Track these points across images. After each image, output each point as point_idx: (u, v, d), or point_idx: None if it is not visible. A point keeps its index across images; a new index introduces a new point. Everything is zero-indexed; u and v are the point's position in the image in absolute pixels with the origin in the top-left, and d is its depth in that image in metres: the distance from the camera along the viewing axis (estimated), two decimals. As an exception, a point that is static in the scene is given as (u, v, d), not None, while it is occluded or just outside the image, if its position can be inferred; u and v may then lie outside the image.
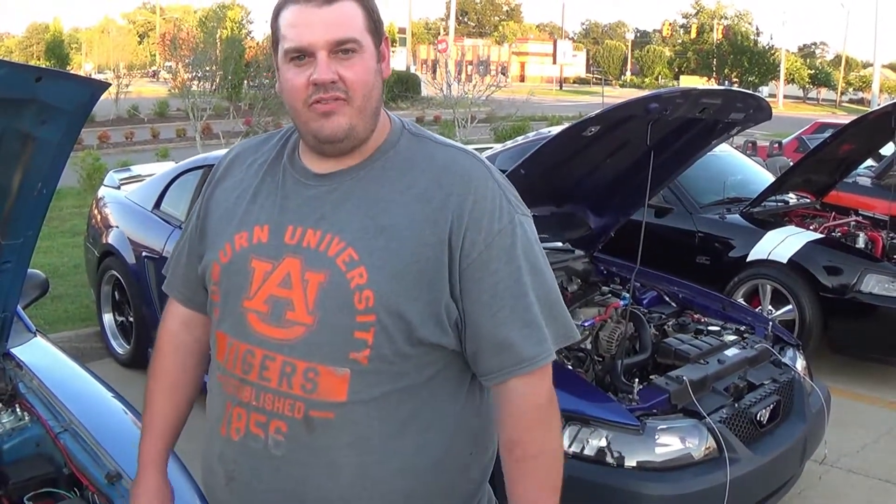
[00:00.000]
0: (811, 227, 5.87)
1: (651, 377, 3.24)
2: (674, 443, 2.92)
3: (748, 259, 5.52)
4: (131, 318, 4.98)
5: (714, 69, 60.55)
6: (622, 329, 3.52)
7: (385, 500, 1.38)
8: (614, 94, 36.29)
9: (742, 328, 3.74)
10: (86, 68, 49.68)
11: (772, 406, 3.26)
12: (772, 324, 3.87)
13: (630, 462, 2.86)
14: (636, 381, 3.15)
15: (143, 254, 4.80)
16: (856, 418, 4.59)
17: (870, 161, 8.12)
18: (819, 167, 6.33)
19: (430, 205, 1.35)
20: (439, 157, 1.41)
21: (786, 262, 5.35)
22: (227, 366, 1.42)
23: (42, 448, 2.18)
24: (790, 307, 5.32)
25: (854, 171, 7.23)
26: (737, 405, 3.14)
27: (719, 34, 64.38)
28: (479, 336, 1.37)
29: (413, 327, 1.34)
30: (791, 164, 8.11)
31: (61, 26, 61.82)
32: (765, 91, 50.48)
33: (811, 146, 8.49)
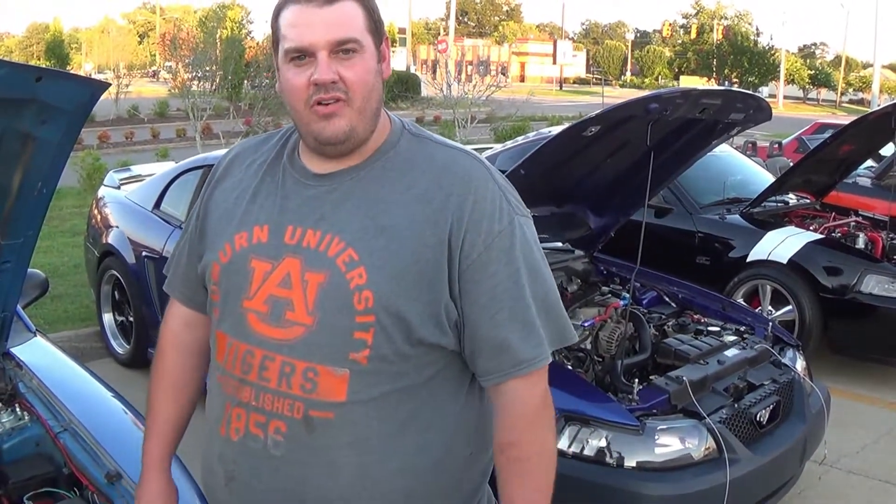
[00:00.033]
0: (811, 228, 5.87)
1: (651, 377, 3.24)
2: (673, 443, 2.91)
3: (748, 259, 5.52)
4: (131, 318, 4.99)
5: (714, 69, 60.54)
6: (622, 329, 3.52)
7: (385, 499, 1.38)
8: (614, 95, 36.28)
9: (742, 328, 3.74)
10: (86, 68, 49.67)
11: (772, 406, 3.26)
12: (772, 324, 3.87)
13: (630, 462, 2.86)
14: (636, 381, 3.15)
15: (143, 254, 4.81)
16: (856, 418, 4.59)
17: (870, 161, 8.12)
18: (819, 168, 6.33)
19: (430, 205, 1.35)
20: (439, 157, 1.41)
21: (786, 262, 5.35)
22: (226, 366, 1.42)
23: (42, 448, 2.18)
24: (790, 308, 5.32)
25: (854, 172, 7.23)
26: (737, 405, 3.14)
27: (719, 34, 64.37)
28: (477, 337, 1.37)
29: (412, 328, 1.34)
30: (791, 164, 8.10)
31: (61, 26, 61.83)
32: (765, 91, 50.47)
33: (811, 147, 8.50)
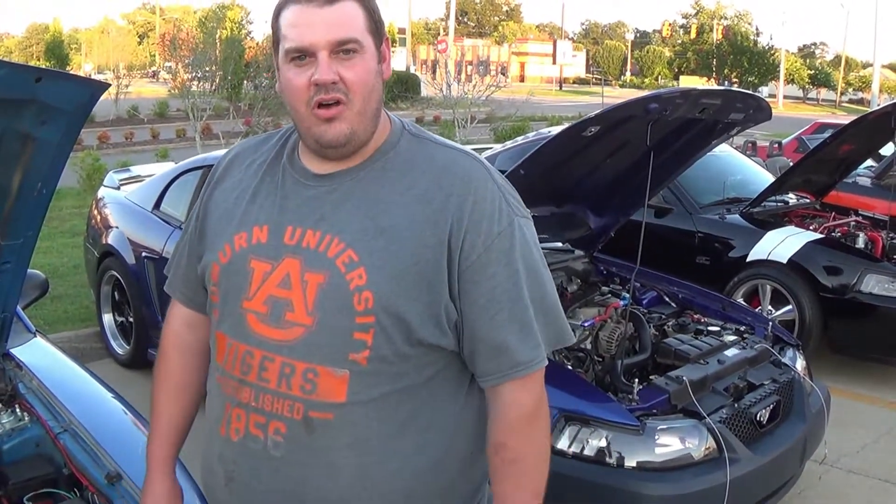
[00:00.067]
0: (811, 228, 5.86)
1: (651, 377, 3.24)
2: (674, 443, 2.91)
3: (748, 259, 5.52)
4: (131, 319, 4.98)
5: (714, 69, 60.53)
6: (622, 329, 3.52)
7: (384, 500, 1.38)
8: (614, 95, 36.29)
9: (742, 328, 3.73)
10: (85, 69, 49.63)
11: (772, 406, 3.26)
12: (772, 324, 3.87)
13: (630, 462, 2.86)
14: (636, 381, 3.15)
15: (143, 254, 4.81)
16: (856, 418, 4.59)
17: (870, 161, 8.12)
18: (819, 167, 6.33)
19: (430, 206, 1.35)
20: (439, 157, 1.41)
21: (786, 262, 5.35)
22: (226, 367, 1.42)
23: (42, 448, 2.18)
24: (790, 307, 5.32)
25: (854, 172, 7.23)
26: (737, 405, 3.14)
27: (719, 34, 64.36)
28: (476, 338, 1.37)
29: (412, 328, 1.34)
30: (791, 164, 8.11)
31: (61, 27, 61.74)
32: (764, 91, 50.47)
33: (811, 146, 8.49)
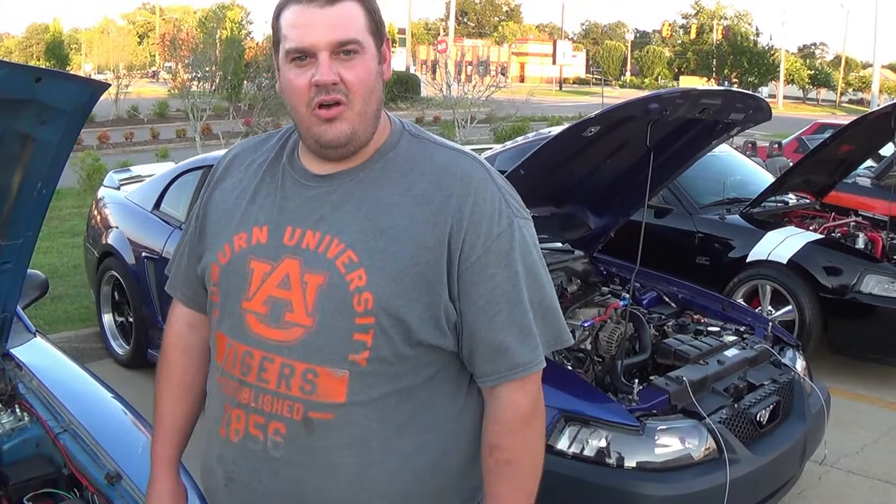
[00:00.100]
0: (811, 228, 5.86)
1: (651, 378, 3.24)
2: (673, 443, 2.91)
3: (748, 259, 5.52)
4: (131, 319, 4.98)
5: (714, 70, 60.53)
6: (622, 329, 3.52)
7: (384, 500, 1.38)
8: (614, 95, 36.32)
9: (742, 329, 3.73)
10: (85, 69, 49.65)
11: (771, 406, 3.26)
12: (771, 324, 3.86)
13: (630, 462, 2.86)
14: (636, 381, 3.14)
15: (143, 254, 4.81)
16: (856, 418, 4.59)
17: (869, 161, 8.12)
18: (819, 168, 6.33)
19: (429, 207, 1.35)
20: (439, 158, 1.40)
21: (785, 262, 5.35)
22: (226, 367, 1.42)
23: (42, 448, 2.19)
24: (790, 308, 5.32)
25: (854, 172, 7.23)
26: (736, 406, 3.14)
27: (719, 35, 64.38)
28: (475, 339, 1.37)
29: (412, 329, 1.34)
30: (791, 164, 8.10)
31: (61, 27, 61.64)
32: (764, 91, 50.51)
33: (811, 147, 8.50)
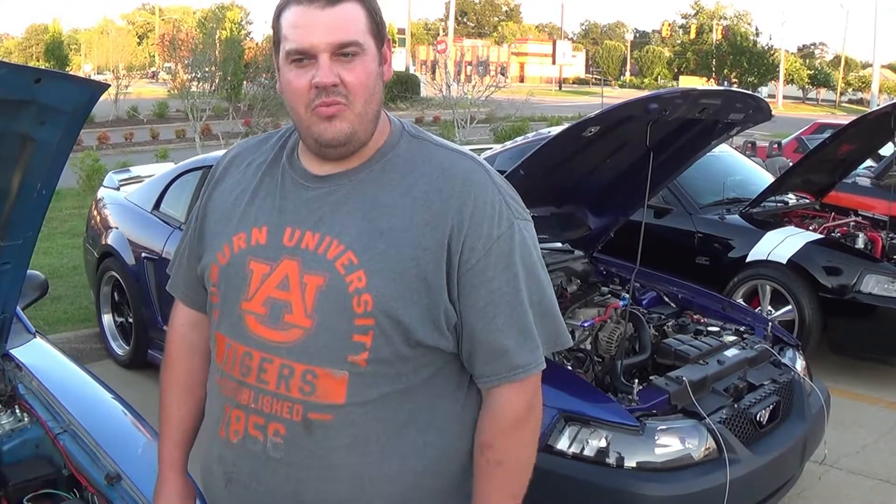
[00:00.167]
0: (811, 228, 5.86)
1: (651, 378, 3.24)
2: (673, 443, 2.91)
3: (747, 259, 5.52)
4: (131, 319, 4.98)
5: (713, 70, 60.53)
6: (622, 329, 3.52)
7: (384, 501, 1.38)
8: (613, 95, 36.32)
9: (742, 329, 3.73)
10: (85, 69, 49.56)
11: (771, 406, 3.26)
12: (771, 324, 3.86)
13: (630, 463, 2.86)
14: (636, 381, 3.14)
15: (143, 255, 4.80)
16: (856, 418, 4.59)
17: (869, 161, 8.12)
18: (818, 168, 6.33)
19: (429, 209, 1.35)
20: (439, 159, 1.40)
21: (785, 262, 5.35)
22: (225, 368, 1.42)
23: (41, 449, 2.18)
24: (790, 307, 5.32)
25: (854, 172, 7.23)
26: (736, 406, 3.14)
27: (718, 34, 64.38)
28: (475, 341, 1.37)
29: (411, 331, 1.34)
30: (790, 164, 8.11)
31: (60, 27, 61.63)
32: (764, 91, 50.51)
33: (810, 147, 8.50)
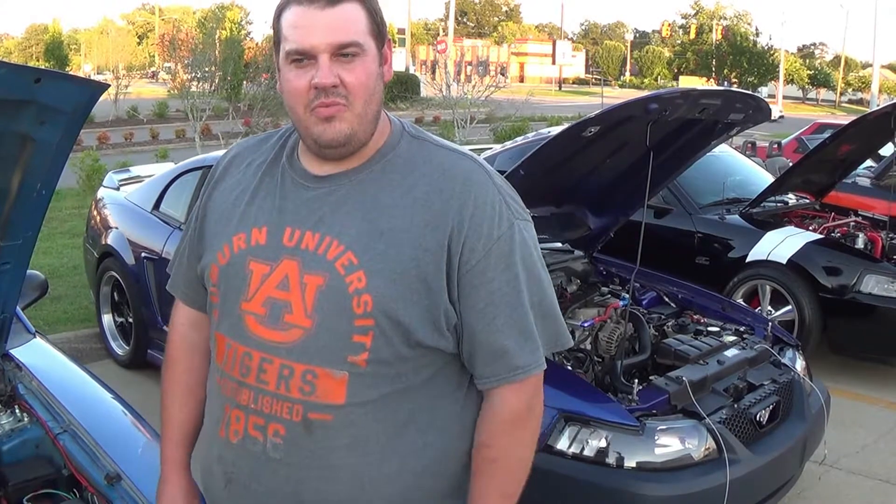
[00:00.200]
0: (810, 228, 5.86)
1: (651, 378, 3.24)
2: (673, 443, 2.91)
3: (747, 259, 5.52)
4: (130, 319, 4.98)
5: (713, 70, 60.56)
6: (621, 330, 3.52)
7: (384, 501, 1.38)
8: (613, 95, 36.34)
9: (741, 329, 3.73)
10: (85, 69, 49.55)
11: (771, 406, 3.26)
12: (771, 324, 3.86)
13: (630, 463, 2.86)
14: (636, 381, 3.14)
15: (143, 255, 4.80)
16: (856, 418, 4.59)
17: (869, 161, 8.12)
18: (818, 168, 6.33)
19: (430, 209, 1.34)
20: (439, 160, 1.40)
21: (785, 262, 5.35)
22: (225, 368, 1.42)
23: (41, 449, 2.18)
24: (790, 308, 5.32)
25: (854, 172, 7.23)
26: (736, 406, 3.14)
27: (718, 35, 64.40)
28: (475, 341, 1.37)
29: (411, 331, 1.34)
30: (790, 164, 8.11)
31: (60, 27, 61.63)
32: (764, 91, 50.50)
33: (810, 147, 8.50)
